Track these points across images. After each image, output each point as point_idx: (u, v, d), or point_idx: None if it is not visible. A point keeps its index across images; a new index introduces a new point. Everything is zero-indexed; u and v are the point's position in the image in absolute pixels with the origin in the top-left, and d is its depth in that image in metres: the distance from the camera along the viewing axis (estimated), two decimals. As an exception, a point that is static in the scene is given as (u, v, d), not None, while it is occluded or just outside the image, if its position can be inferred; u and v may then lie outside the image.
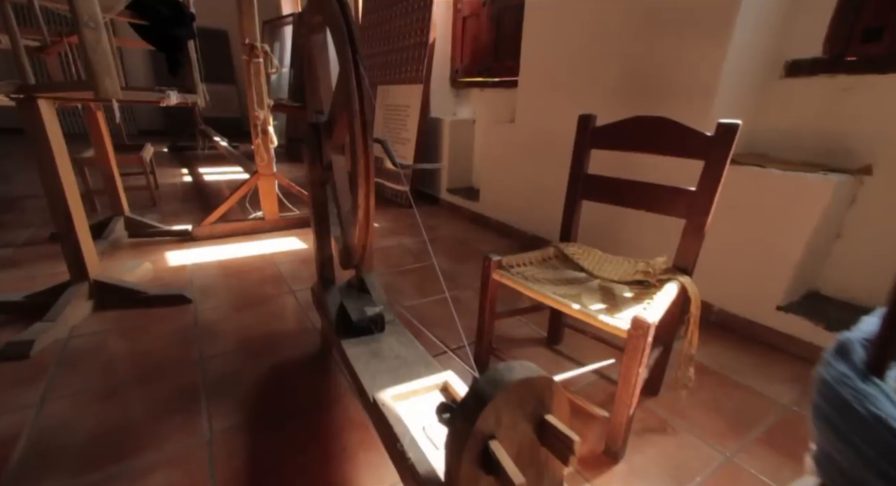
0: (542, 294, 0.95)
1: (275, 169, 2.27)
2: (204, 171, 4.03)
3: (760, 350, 1.32)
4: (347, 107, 0.76)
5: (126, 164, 2.65)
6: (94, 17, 0.96)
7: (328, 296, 1.08)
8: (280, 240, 2.23)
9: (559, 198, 2.10)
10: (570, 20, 1.86)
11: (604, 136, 1.12)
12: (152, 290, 1.50)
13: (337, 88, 0.84)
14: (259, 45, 1.99)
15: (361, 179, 0.78)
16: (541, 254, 1.18)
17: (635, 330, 0.78)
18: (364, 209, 0.82)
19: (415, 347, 0.92)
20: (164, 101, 1.48)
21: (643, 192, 1.04)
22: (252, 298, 1.59)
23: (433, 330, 1.41)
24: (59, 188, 1.30)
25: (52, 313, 1.30)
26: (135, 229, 2.15)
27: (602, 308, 0.91)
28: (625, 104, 1.69)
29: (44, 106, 1.23)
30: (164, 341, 1.29)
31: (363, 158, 0.76)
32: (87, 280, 1.42)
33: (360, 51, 0.75)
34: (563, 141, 1.99)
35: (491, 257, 1.07)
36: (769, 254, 1.31)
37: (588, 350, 1.31)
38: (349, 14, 0.76)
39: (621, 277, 1.06)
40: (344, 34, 0.75)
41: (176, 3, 1.53)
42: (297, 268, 1.88)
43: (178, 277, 1.74)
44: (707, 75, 1.40)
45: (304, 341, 1.31)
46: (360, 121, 0.75)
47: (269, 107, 2.15)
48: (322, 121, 1.00)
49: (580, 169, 1.16)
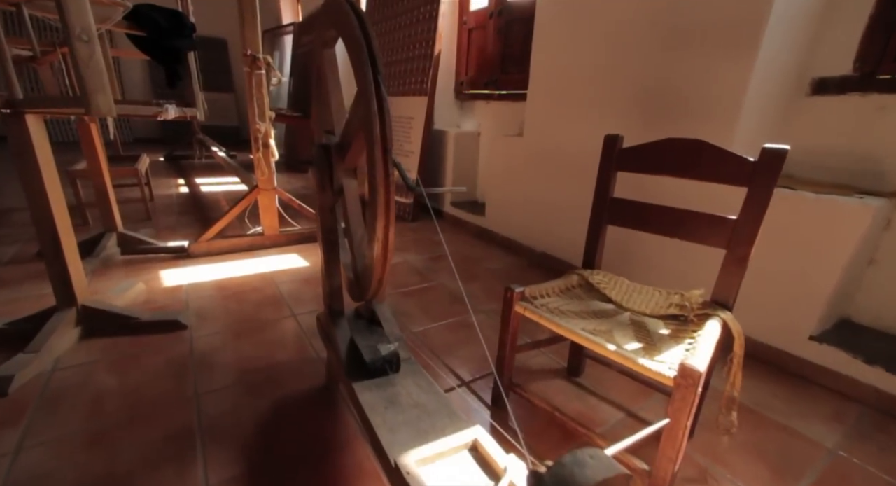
0: (573, 332, 0.88)
1: (275, 183, 2.19)
2: (201, 181, 3.94)
3: (794, 383, 1.25)
4: (366, 131, 0.69)
5: (120, 176, 2.57)
6: (88, 30, 0.88)
7: (337, 329, 1.00)
8: (280, 257, 2.15)
9: (570, 215, 2.05)
10: (583, 34, 1.81)
11: (632, 158, 1.05)
12: (145, 315, 1.41)
13: (353, 109, 0.76)
14: (261, 56, 1.92)
15: (381, 210, 0.70)
16: (564, 283, 1.10)
17: (684, 379, 0.70)
18: (383, 243, 0.74)
19: (434, 391, 0.84)
20: (162, 115, 1.40)
21: (677, 219, 0.97)
22: (251, 322, 1.50)
23: (446, 359, 1.33)
24: (46, 209, 1.21)
25: (35, 342, 1.20)
26: (128, 246, 2.05)
27: (639, 348, 0.83)
28: (641, 121, 1.63)
29: (32, 121, 1.15)
30: (156, 373, 1.19)
31: (383, 187, 0.69)
32: (75, 306, 1.33)
33: (381, 71, 0.68)
34: (575, 157, 1.93)
35: (513, 289, 0.99)
36: (801, 281, 1.25)
37: (611, 383, 1.23)
38: (369, 31, 0.70)
39: (653, 310, 0.99)
40: (364, 53, 0.68)
41: (176, 13, 1.46)
42: (298, 288, 1.80)
43: (172, 298, 1.65)
44: (731, 93, 1.34)
45: (308, 373, 1.22)
46: (381, 147, 0.67)
47: (270, 119, 2.08)
48: (333, 142, 0.93)
49: (606, 192, 1.10)
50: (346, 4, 0.73)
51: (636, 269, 1.68)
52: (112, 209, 2.00)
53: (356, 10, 0.72)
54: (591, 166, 1.90)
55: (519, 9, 2.36)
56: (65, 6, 0.85)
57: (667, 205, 1.00)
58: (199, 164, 4.90)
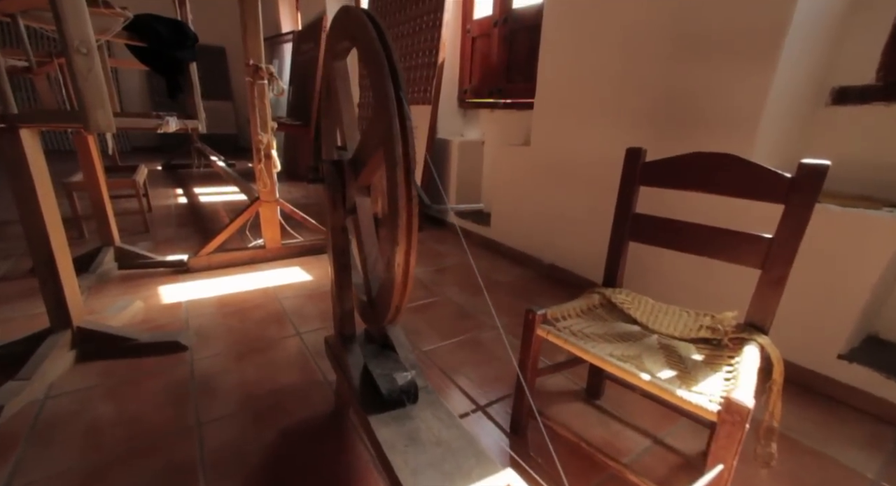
0: (601, 359, 0.83)
1: (277, 194, 2.14)
2: (199, 191, 3.89)
3: (824, 405, 1.20)
4: (387, 151, 0.64)
5: (118, 188, 2.51)
6: (87, 42, 0.84)
7: (349, 355, 0.95)
8: (282, 271, 2.09)
9: (579, 227, 2.01)
10: (592, 42, 1.78)
11: (656, 172, 1.01)
12: (143, 336, 1.35)
13: (371, 125, 0.72)
14: (264, 66, 1.88)
15: (402, 234, 0.65)
16: (585, 302, 1.05)
17: (730, 415, 0.65)
18: (403, 269, 0.69)
19: (456, 426, 0.78)
20: (163, 128, 1.35)
21: (707, 236, 0.93)
22: (254, 342, 1.44)
23: (459, 380, 1.27)
24: (40, 228, 1.15)
25: (27, 368, 1.14)
26: (125, 261, 1.99)
27: (673, 377, 0.78)
28: (654, 131, 1.60)
29: (27, 136, 1.10)
30: (156, 400, 1.13)
31: (406, 210, 0.64)
32: (70, 327, 1.26)
33: (403, 87, 0.63)
34: (584, 167, 1.90)
35: (535, 311, 0.94)
36: (828, 297, 1.20)
37: (633, 406, 1.18)
38: (389, 44, 0.65)
39: (683, 332, 0.94)
40: (384, 67, 0.63)
41: (178, 23, 1.42)
42: (301, 304, 1.74)
43: (172, 316, 1.59)
44: (750, 103, 1.31)
45: (316, 398, 1.16)
46: (404, 169, 0.63)
47: (273, 130, 2.04)
48: (346, 158, 0.88)
49: (628, 207, 1.05)
50: (364, 15, 0.69)
51: (657, 286, 1.62)
52: (109, 223, 1.94)
53: (374, 22, 0.68)
54: (602, 177, 1.88)
55: (525, 17, 2.33)
56: (63, 17, 0.81)
57: (694, 221, 0.96)
58: (197, 173, 4.85)
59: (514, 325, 1.62)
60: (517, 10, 2.37)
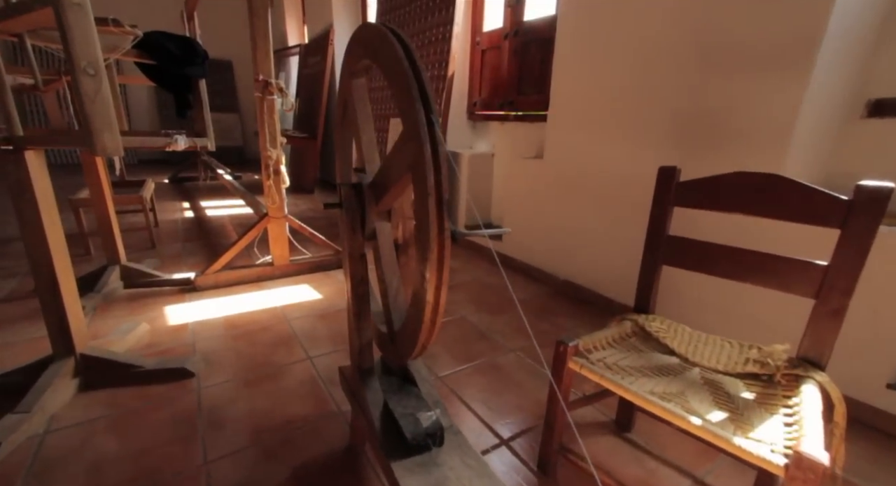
0: (643, 398, 0.76)
1: (286, 211, 2.10)
2: (206, 204, 3.86)
3: (875, 439, 1.12)
4: (417, 179, 0.59)
5: (125, 204, 2.48)
6: (95, 63, 0.80)
7: (367, 391, 0.88)
8: (291, 289, 2.04)
9: (596, 242, 1.94)
10: (609, 54, 1.74)
11: (692, 192, 0.95)
12: (149, 362, 1.29)
13: (397, 149, 0.67)
14: (274, 82, 1.85)
15: (433, 270, 0.60)
16: (617, 331, 0.98)
17: (801, 471, 0.58)
18: (433, 306, 0.63)
19: (488, 474, 0.71)
20: (172, 146, 1.32)
21: (752, 262, 0.86)
22: (263, 367, 1.38)
23: (480, 410, 1.20)
24: (44, 252, 1.11)
25: (27, 400, 1.09)
26: (131, 279, 1.95)
27: (724, 420, 0.71)
28: (677, 146, 1.54)
29: (32, 158, 1.06)
30: (161, 434, 1.07)
31: (437, 243, 0.58)
32: (73, 355, 1.21)
33: (434, 109, 0.58)
34: (601, 182, 1.84)
35: (566, 343, 0.88)
36: (874, 322, 1.13)
37: (667, 440, 1.10)
38: (419, 65, 0.60)
39: (727, 366, 0.87)
40: (414, 89, 0.58)
41: (188, 40, 1.39)
42: (311, 325, 1.68)
43: (178, 339, 1.53)
44: (781, 118, 1.25)
45: (330, 432, 1.10)
46: (437, 199, 0.57)
47: (282, 145, 2.00)
48: (366, 181, 0.83)
49: (661, 229, 0.99)
50: (390, 34, 0.64)
51: (692, 312, 1.53)
52: (115, 241, 1.90)
53: (401, 40, 0.63)
54: (619, 192, 1.82)
55: (536, 30, 2.31)
56: (70, 38, 0.77)
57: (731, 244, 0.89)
58: (203, 185, 4.84)
59: (531, 347, 1.55)
60: (528, 22, 2.34)
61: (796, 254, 0.81)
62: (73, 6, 0.76)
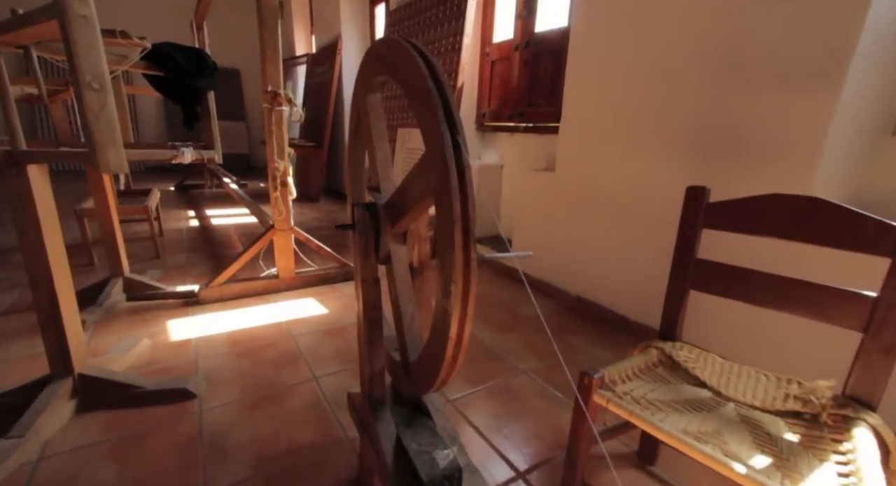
0: (678, 439, 0.70)
1: (292, 223, 2.06)
2: (211, 213, 3.84)
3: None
4: (441, 206, 0.55)
5: (130, 214, 2.46)
6: (100, 77, 0.77)
7: (379, 424, 0.83)
8: (296, 303, 1.99)
9: (609, 258, 1.89)
10: (625, 68, 1.70)
11: (723, 214, 0.90)
12: (150, 382, 1.24)
13: (418, 171, 0.62)
14: (283, 92, 1.83)
15: (457, 304, 0.55)
16: (643, 360, 0.93)
17: (866, 533, 0.52)
18: (455, 342, 0.58)
19: (512, 523, 0.66)
20: (178, 159, 1.29)
21: (791, 291, 0.81)
22: (267, 388, 1.33)
23: (493, 437, 1.14)
24: (44, 270, 1.07)
25: (20, 425, 1.04)
26: (134, 291, 1.91)
27: (769, 466, 0.66)
28: (696, 162, 1.50)
29: (34, 172, 1.03)
30: (161, 462, 1.02)
31: (463, 276, 0.54)
32: (71, 375, 1.17)
33: (461, 131, 0.54)
34: (615, 196, 1.79)
35: (591, 374, 0.82)
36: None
37: (694, 473, 1.04)
38: (444, 82, 0.56)
39: (765, 402, 0.81)
40: (438, 109, 0.54)
41: (197, 51, 1.37)
42: (317, 342, 1.63)
43: (180, 356, 1.49)
44: (809, 134, 1.20)
45: (337, 461, 1.04)
46: (463, 228, 0.53)
47: (290, 156, 1.97)
48: (381, 201, 0.78)
49: (689, 252, 0.94)
50: (412, 49, 0.60)
51: (721, 339, 1.45)
52: (118, 253, 1.86)
53: (426, 58, 0.59)
54: (636, 207, 1.77)
55: (548, 41, 2.28)
56: (75, 51, 0.74)
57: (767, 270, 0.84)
58: (209, 193, 4.84)
59: (545, 368, 1.50)
60: (540, 33, 2.32)
61: (837, 282, 0.76)
62: (79, 18, 0.73)
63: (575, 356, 1.59)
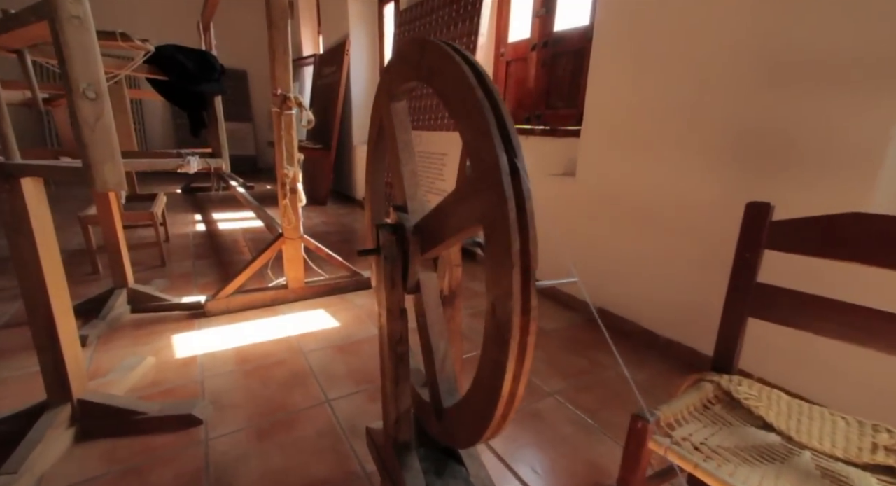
0: (757, 501, 0.60)
1: (302, 231, 1.98)
2: (218, 216, 3.78)
3: None
4: (494, 245, 0.45)
5: (135, 220, 2.39)
6: (96, 84, 0.68)
7: (405, 471, 0.74)
8: (306, 314, 1.91)
9: (635, 270, 1.78)
10: (656, 67, 1.60)
11: (790, 235, 0.80)
12: (153, 408, 1.17)
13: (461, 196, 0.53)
14: (293, 96, 1.75)
15: (514, 359, 0.46)
16: (698, 397, 0.83)
17: None
18: (507, 400, 0.49)
19: None
20: (183, 168, 1.21)
21: (877, 324, 0.71)
22: (277, 412, 1.24)
23: (523, 471, 1.05)
24: (41, 292, 0.99)
25: (14, 459, 0.96)
26: (139, 303, 1.84)
27: (870, 538, 0.56)
28: (737, 169, 1.39)
29: (29, 186, 0.95)
30: (163, 502, 0.94)
31: (520, 327, 0.44)
32: (70, 401, 1.09)
33: (520, 153, 0.45)
34: (642, 204, 1.69)
35: (645, 418, 0.73)
36: None
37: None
38: (495, 91, 0.47)
39: (847, 451, 0.71)
40: (491, 125, 0.45)
41: (204, 54, 1.29)
42: (328, 359, 1.54)
43: (185, 375, 1.41)
44: (870, 140, 1.10)
45: (355, 501, 0.96)
46: (523, 271, 0.43)
47: (299, 162, 1.89)
48: (409, 224, 0.69)
49: (749, 276, 0.84)
50: (454, 53, 0.51)
51: (779, 369, 1.29)
52: (123, 263, 1.79)
53: (472, 63, 0.50)
54: (666, 216, 1.66)
55: (568, 40, 2.18)
56: (67, 56, 0.66)
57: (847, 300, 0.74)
58: (216, 196, 4.79)
59: (571, 389, 1.40)
60: (559, 33, 2.22)
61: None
62: (72, 19, 0.65)
63: (602, 376, 1.49)
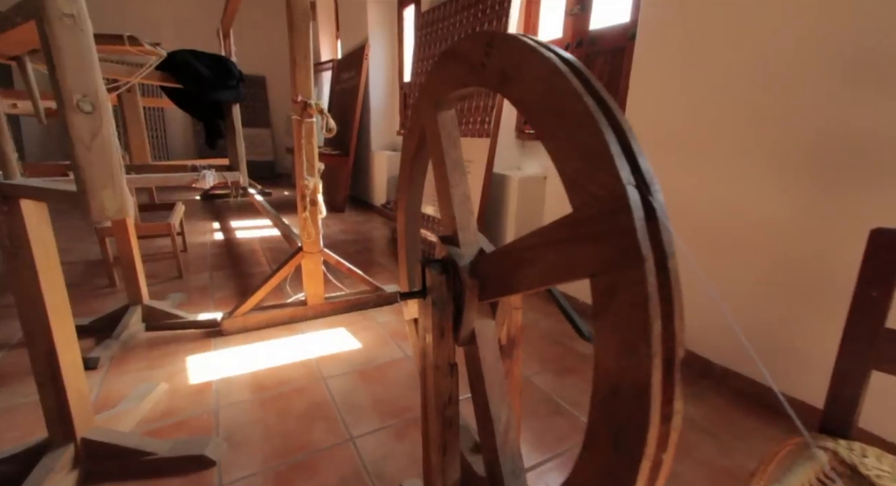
0: None
1: (322, 244, 1.87)
2: (236, 225, 3.73)
3: None
4: (618, 314, 0.32)
5: (152, 231, 2.33)
6: (92, 96, 0.58)
7: (455, 561, 0.61)
8: (326, 333, 1.80)
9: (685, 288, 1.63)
10: (709, 66, 1.44)
11: (933, 271, 0.64)
12: (163, 448, 1.06)
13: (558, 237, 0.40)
14: (314, 103, 1.65)
15: (644, 472, 0.32)
16: (812, 470, 0.67)
17: None
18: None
19: None
20: (198, 183, 1.11)
21: None
22: (297, 452, 1.13)
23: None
24: (42, 322, 0.90)
25: (11, 510, 0.87)
26: (154, 320, 1.76)
27: None
28: (808, 182, 1.22)
29: (29, 208, 0.86)
30: (170, 566, 0.83)
31: (657, 436, 0.31)
32: (73, 441, 0.99)
33: (655, 185, 0.31)
34: (691, 215, 1.53)
35: (758, 503, 0.58)
36: None
37: None
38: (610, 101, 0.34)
39: None
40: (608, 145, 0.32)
41: (221, 59, 1.19)
42: (351, 387, 1.43)
43: (199, 404, 1.31)
44: None
45: (387, 572, 0.83)
46: (665, 361, 0.30)
47: (320, 172, 1.79)
48: (462, 261, 0.56)
49: (874, 319, 0.68)
50: (542, 49, 0.38)
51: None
52: (138, 280, 1.72)
53: (571, 64, 0.37)
54: (719, 231, 1.49)
55: (605, 39, 2.03)
56: (59, 63, 0.55)
57: None
58: (234, 203, 4.76)
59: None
60: (594, 31, 2.07)
61: None
62: (63, 18, 0.54)
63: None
